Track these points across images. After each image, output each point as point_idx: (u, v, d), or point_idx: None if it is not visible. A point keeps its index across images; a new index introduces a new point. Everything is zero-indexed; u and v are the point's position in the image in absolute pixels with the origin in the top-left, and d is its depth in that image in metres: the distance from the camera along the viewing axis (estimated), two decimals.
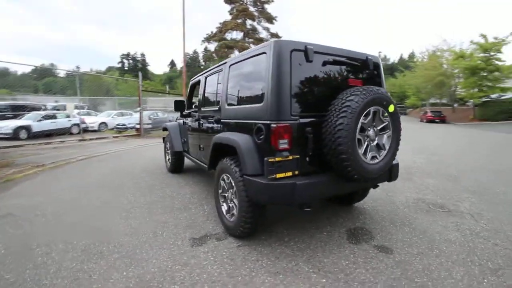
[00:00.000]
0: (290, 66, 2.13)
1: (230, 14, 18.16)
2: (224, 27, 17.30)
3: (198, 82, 3.86)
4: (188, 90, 4.42)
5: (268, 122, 2.12)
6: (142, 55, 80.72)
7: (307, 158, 2.22)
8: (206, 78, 3.58)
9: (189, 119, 4.20)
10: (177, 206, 3.48)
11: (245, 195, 2.32)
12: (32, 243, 2.54)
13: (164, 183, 4.54)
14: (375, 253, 2.35)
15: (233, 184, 2.49)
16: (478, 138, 10.48)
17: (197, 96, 4.53)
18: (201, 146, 3.61)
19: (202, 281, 1.99)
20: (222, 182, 2.78)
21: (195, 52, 70.61)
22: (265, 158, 2.07)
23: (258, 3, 18.32)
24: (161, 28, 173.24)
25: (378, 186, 2.89)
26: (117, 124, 15.36)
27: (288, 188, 2.05)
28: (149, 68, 74.30)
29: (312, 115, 2.23)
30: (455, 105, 24.66)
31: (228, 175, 2.60)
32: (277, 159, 2.05)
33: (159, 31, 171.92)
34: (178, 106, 4.41)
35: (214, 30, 18.55)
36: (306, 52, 2.21)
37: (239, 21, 17.25)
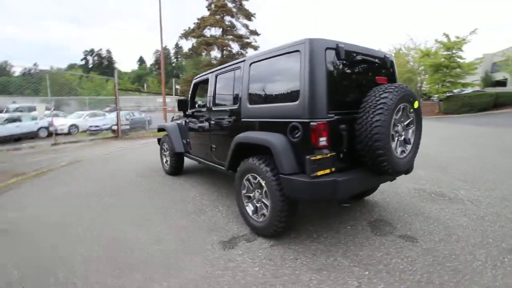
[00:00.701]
0: (325, 64, 2.15)
1: (208, 9, 17.77)
2: (203, 23, 16.89)
3: (205, 81, 3.75)
4: (191, 89, 4.27)
5: (307, 120, 2.13)
6: (108, 51, 76.41)
7: (340, 154, 2.26)
8: (216, 76, 3.49)
9: (194, 119, 4.08)
10: (191, 210, 3.38)
11: (279, 194, 2.32)
12: (51, 262, 2.32)
13: (167, 187, 4.37)
14: (402, 243, 2.48)
15: (263, 184, 2.47)
16: (448, 131, 11.37)
17: (199, 95, 4.46)
18: (213, 146, 3.52)
19: (250, 283, 1.97)
20: (246, 183, 2.74)
21: (165, 48, 68.27)
22: (307, 157, 2.08)
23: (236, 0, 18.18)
24: (126, 23, 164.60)
25: (395, 179, 3.03)
26: (90, 126, 14.41)
27: (330, 185, 2.08)
28: (116, 65, 70.43)
29: (344, 113, 2.27)
30: (421, 100, 26.49)
31: (255, 175, 2.57)
32: (318, 157, 2.07)
33: (124, 26, 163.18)
34: (182, 105, 4.25)
35: (192, 26, 18.08)
36: (338, 50, 2.24)
37: (218, 17, 16.96)
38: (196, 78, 4.18)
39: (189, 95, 4.26)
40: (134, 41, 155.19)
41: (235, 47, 18.83)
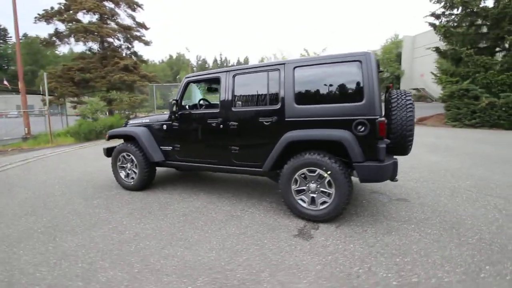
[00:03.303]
0: (378, 72, 2.74)
1: None
2: (76, 6, 13.48)
3: (210, 80, 3.45)
4: (182, 88, 3.76)
5: (373, 117, 2.65)
6: None
7: None
8: (234, 76, 3.35)
9: (192, 121, 3.68)
10: (223, 218, 3.16)
11: (346, 180, 2.74)
12: None
13: (163, 204, 3.71)
14: (411, 206, 3.45)
15: (326, 175, 2.79)
16: None
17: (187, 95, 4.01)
18: (234, 148, 3.38)
19: (363, 255, 2.30)
20: (298, 178, 2.96)
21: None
22: (380, 145, 2.61)
23: None
24: None
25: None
26: None
27: (392, 166, 2.71)
28: None
29: None
30: None
31: (314, 168, 2.85)
32: (384, 145, 2.65)
33: None
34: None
35: (56, 6, 13.97)
36: (378, 61, 2.88)
37: (94, 1, 14.02)
38: (191, 77, 3.74)
39: (179, 95, 3.76)
40: None
41: (116, 40, 16.22)
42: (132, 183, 4.21)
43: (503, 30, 12.96)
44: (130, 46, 16.80)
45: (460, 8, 15.04)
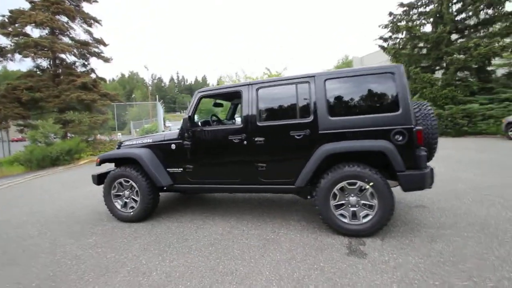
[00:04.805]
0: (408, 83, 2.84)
1: (30, 2, 12.84)
2: (24, 19, 11.96)
3: (229, 95, 3.21)
4: (195, 103, 3.43)
5: (410, 126, 2.70)
6: None
7: None
8: (258, 89, 3.18)
9: (208, 137, 3.36)
10: (266, 237, 2.87)
11: (389, 191, 2.71)
12: None
13: (176, 234, 3.24)
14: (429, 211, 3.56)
15: (368, 186, 2.73)
16: None
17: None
18: (261, 165, 3.14)
19: (428, 269, 2.24)
20: (338, 192, 2.85)
21: None
22: (422, 153, 2.65)
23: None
24: None
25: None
26: None
27: (431, 173, 2.77)
28: None
29: None
30: None
31: (355, 180, 2.78)
32: (425, 153, 2.70)
33: None
34: (187, 123, 3.32)
35: None
36: (407, 72, 2.99)
37: (47, 14, 12.69)
38: (205, 91, 3.45)
39: (191, 110, 3.43)
40: None
41: (70, 56, 14.82)
42: (131, 213, 3.64)
43: (441, 52, 15.09)
44: (86, 63, 15.45)
45: (404, 33, 17.28)
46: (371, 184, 2.72)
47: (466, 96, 14.01)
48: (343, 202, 2.88)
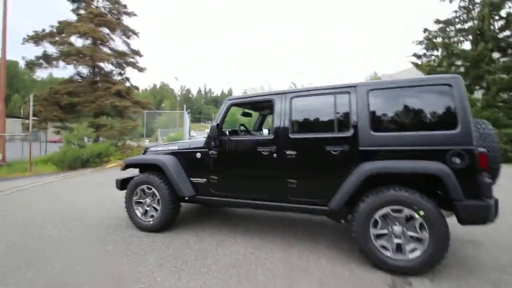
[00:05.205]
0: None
1: (77, 14, 14.00)
2: (69, 29, 13.03)
3: (260, 103, 3.02)
4: (224, 111, 3.29)
5: (470, 147, 2.30)
6: None
7: None
8: (292, 98, 2.96)
9: (236, 148, 3.17)
10: (292, 263, 2.55)
11: (443, 223, 2.29)
12: None
13: (205, 248, 3.01)
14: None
15: (417, 215, 2.34)
16: None
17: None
18: (292, 181, 2.87)
19: None
20: (380, 219, 2.48)
21: None
22: (485, 180, 2.23)
23: (115, 12, 15.54)
24: None
25: None
26: None
27: (497, 204, 2.32)
28: None
29: None
30: None
31: (402, 207, 2.39)
32: (491, 180, 2.28)
33: None
34: (215, 131, 3.16)
35: (48, 29, 13.41)
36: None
37: (91, 25, 13.71)
38: (235, 99, 3.30)
39: (220, 118, 3.27)
40: None
41: (107, 65, 15.76)
42: (151, 222, 3.48)
43: (482, 70, 14.06)
44: (122, 72, 16.32)
45: (440, 50, 16.44)
46: (421, 213, 2.33)
47: (510, 118, 12.80)
48: (385, 231, 2.49)
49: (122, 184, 3.76)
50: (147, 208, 3.57)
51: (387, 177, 2.54)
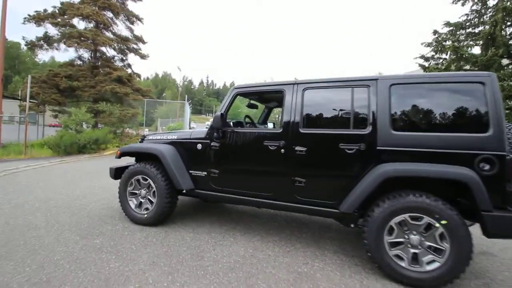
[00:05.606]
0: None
1: None
2: (72, 11, 12.65)
3: (269, 93, 2.77)
4: (229, 100, 3.04)
5: (503, 153, 2.07)
6: None
7: None
8: (304, 90, 2.71)
9: (240, 141, 2.93)
10: (297, 269, 2.33)
11: (466, 234, 2.08)
12: None
13: (211, 248, 2.79)
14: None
15: (438, 224, 2.12)
16: None
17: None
18: (300, 180, 2.64)
19: None
20: (396, 226, 2.26)
21: None
22: None
23: None
24: None
25: None
26: None
27: None
28: None
29: None
30: None
31: (421, 215, 2.17)
32: None
33: None
34: (219, 121, 2.91)
35: (50, 9, 13.02)
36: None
37: (95, 8, 13.32)
38: (242, 87, 3.05)
39: (225, 108, 3.03)
40: None
41: (109, 50, 15.39)
42: (145, 215, 3.26)
43: None
44: (124, 58, 15.95)
45: (449, 53, 16.10)
46: (443, 222, 2.11)
47: None
48: (401, 240, 2.27)
49: (116, 173, 3.54)
50: (142, 200, 3.35)
51: (405, 181, 2.31)
